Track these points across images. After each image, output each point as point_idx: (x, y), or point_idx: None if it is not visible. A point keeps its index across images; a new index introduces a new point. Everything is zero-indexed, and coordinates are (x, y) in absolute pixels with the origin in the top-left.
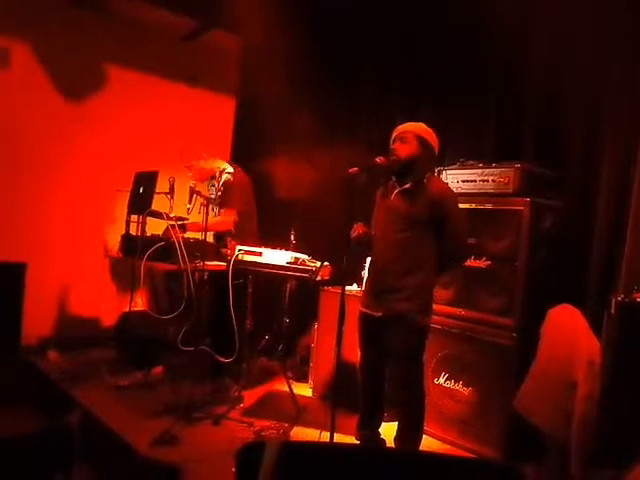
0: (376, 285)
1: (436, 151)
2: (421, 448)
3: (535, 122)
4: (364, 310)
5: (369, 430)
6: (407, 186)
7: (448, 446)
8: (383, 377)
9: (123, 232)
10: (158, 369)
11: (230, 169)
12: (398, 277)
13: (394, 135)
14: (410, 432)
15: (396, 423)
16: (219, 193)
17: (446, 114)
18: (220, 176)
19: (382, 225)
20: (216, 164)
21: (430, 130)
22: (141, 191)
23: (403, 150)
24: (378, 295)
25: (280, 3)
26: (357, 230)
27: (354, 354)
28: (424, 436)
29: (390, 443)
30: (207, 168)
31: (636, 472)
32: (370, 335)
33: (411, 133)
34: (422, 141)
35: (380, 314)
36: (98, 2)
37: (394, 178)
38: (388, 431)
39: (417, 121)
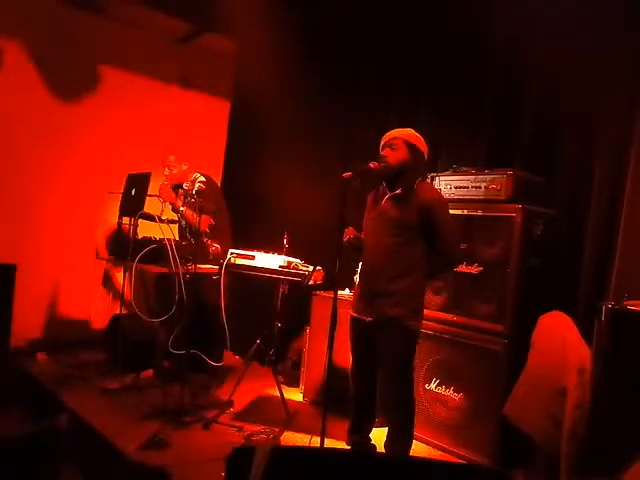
0: (367, 290)
1: (425, 157)
2: (412, 454)
3: (528, 129)
4: (355, 315)
5: (360, 435)
6: (397, 192)
7: (439, 452)
8: (375, 382)
9: (115, 234)
10: (148, 372)
11: (202, 178)
12: (388, 282)
13: (383, 141)
14: (400, 437)
15: (387, 428)
16: (192, 200)
17: (441, 120)
18: (193, 185)
19: (373, 230)
20: (191, 174)
21: (419, 136)
22: (133, 193)
23: (393, 156)
24: (369, 300)
25: (275, 6)
26: (348, 235)
27: (346, 359)
28: (415, 442)
29: (381, 449)
30: (184, 175)
31: (631, 473)
32: (361, 340)
33: (400, 139)
34: (411, 147)
35: (371, 319)
36: (93, 3)
37: (384, 184)
38: (379, 436)
39: (412, 126)
